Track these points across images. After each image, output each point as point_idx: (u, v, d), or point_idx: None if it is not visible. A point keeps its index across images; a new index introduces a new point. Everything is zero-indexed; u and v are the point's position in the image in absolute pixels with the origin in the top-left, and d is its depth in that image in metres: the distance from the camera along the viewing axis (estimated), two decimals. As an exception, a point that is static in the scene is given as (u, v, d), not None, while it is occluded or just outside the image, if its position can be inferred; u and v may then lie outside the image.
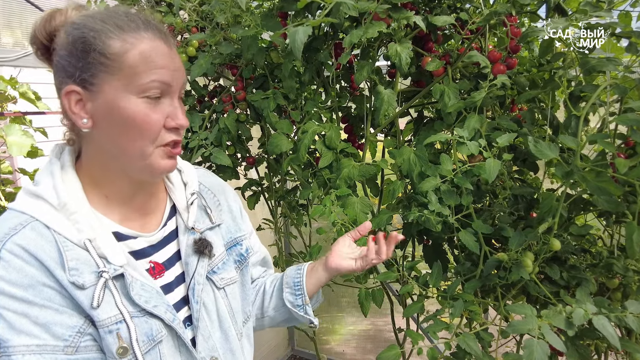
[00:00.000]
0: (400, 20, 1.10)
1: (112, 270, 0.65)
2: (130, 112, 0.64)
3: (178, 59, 0.70)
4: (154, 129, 0.66)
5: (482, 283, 1.18)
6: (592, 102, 1.00)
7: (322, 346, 2.77)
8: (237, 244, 0.88)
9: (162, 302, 0.70)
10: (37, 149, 1.72)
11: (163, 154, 0.69)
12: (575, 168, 0.95)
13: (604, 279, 1.17)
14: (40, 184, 0.68)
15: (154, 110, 0.66)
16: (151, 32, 0.66)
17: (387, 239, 0.94)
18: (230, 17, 1.30)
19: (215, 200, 0.88)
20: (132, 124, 0.65)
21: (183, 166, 0.86)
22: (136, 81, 0.64)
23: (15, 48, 1.62)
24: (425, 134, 1.24)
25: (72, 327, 0.62)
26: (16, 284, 0.60)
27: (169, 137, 0.68)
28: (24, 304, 0.60)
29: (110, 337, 0.63)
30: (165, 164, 0.70)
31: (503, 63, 1.17)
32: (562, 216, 1.04)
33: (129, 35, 0.64)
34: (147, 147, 0.67)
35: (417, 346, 1.12)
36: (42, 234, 0.63)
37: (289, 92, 1.34)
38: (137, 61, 0.64)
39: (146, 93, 0.65)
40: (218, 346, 0.78)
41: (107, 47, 0.63)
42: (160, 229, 0.77)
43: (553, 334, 0.91)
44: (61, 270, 0.62)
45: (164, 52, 0.67)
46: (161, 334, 0.69)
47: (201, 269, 0.78)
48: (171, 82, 0.67)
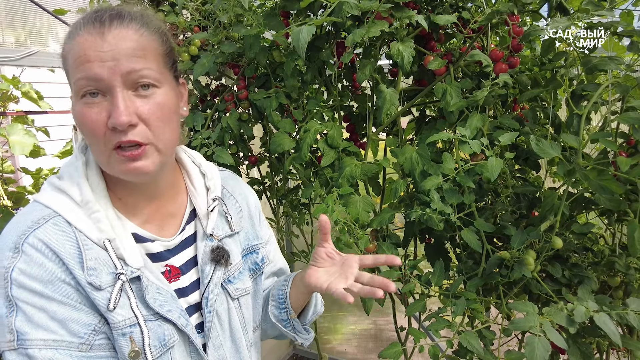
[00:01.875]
0: (402, 19, 1.11)
1: (129, 272, 0.65)
2: (75, 115, 0.64)
3: (119, 46, 0.61)
4: (96, 132, 0.62)
5: (484, 281, 1.18)
6: (594, 101, 1.01)
7: (323, 345, 2.77)
8: (253, 252, 0.86)
9: (176, 307, 0.69)
10: (39, 149, 1.72)
11: (120, 158, 0.63)
12: (577, 166, 0.96)
13: (606, 277, 1.17)
14: (63, 178, 0.68)
15: (91, 110, 0.61)
16: (89, 25, 0.62)
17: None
18: (232, 16, 1.31)
19: (237, 207, 0.86)
20: (81, 127, 0.63)
21: (207, 170, 0.84)
22: (71, 83, 0.63)
23: (18, 47, 1.62)
24: (427, 133, 1.25)
25: (88, 325, 0.62)
26: (37, 278, 0.60)
27: (115, 137, 0.62)
28: (43, 299, 0.60)
29: (124, 340, 0.63)
30: (125, 168, 0.64)
31: (505, 62, 1.17)
32: (564, 214, 1.04)
33: (72, 38, 0.63)
34: (102, 152, 0.64)
35: (419, 344, 1.12)
36: (63, 230, 0.63)
37: (291, 91, 1.34)
38: (70, 62, 0.63)
39: (81, 92, 0.62)
40: (228, 356, 0.77)
41: (62, 50, 0.65)
42: (179, 234, 0.76)
43: (554, 331, 0.92)
44: (80, 269, 0.62)
45: (92, 44, 0.60)
46: (173, 339, 0.68)
47: (216, 278, 0.76)
48: (102, 74, 0.60)
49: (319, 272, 0.80)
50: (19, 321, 0.59)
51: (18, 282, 0.59)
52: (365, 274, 0.76)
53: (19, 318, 0.59)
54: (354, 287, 0.74)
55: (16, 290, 0.59)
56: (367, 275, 0.76)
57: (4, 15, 1.60)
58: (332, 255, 0.82)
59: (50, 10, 1.60)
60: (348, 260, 0.79)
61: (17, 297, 0.59)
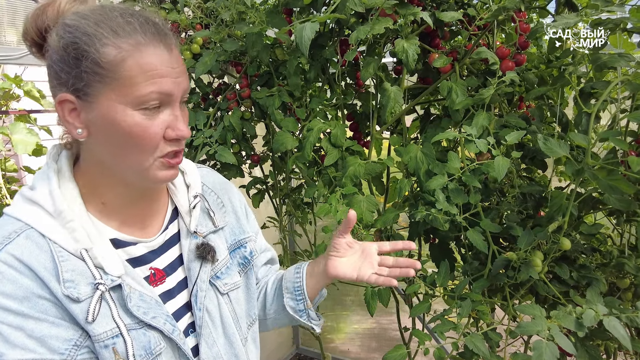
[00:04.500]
0: (407, 16, 1.09)
1: (109, 281, 0.63)
2: (126, 125, 0.60)
3: (180, 62, 0.65)
4: (152, 143, 0.63)
5: (490, 282, 1.17)
6: (603, 99, 0.99)
7: (326, 345, 2.76)
8: (240, 247, 0.86)
9: (161, 313, 0.68)
10: (41, 147, 1.72)
11: (162, 165, 0.65)
12: (586, 166, 0.94)
13: (615, 278, 1.16)
14: (36, 188, 0.65)
15: (153, 122, 0.62)
16: (150, 35, 0.61)
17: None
18: (234, 14, 1.29)
19: (218, 202, 0.85)
20: (128, 137, 0.61)
21: (186, 167, 0.83)
22: (133, 93, 0.59)
23: (20, 46, 1.62)
24: (432, 132, 1.23)
25: (69, 340, 0.60)
26: (11, 296, 0.57)
27: (169, 148, 0.65)
28: (19, 317, 0.57)
29: (106, 352, 0.61)
30: (164, 175, 0.66)
31: (512, 59, 1.15)
32: (572, 215, 1.02)
33: (124, 41, 0.59)
34: (145, 161, 0.64)
35: (423, 346, 1.10)
36: (37, 243, 0.61)
37: (294, 90, 1.33)
38: (133, 71, 0.59)
39: (144, 105, 0.61)
40: (222, 352, 0.77)
41: (101, 55, 0.58)
42: (161, 234, 0.75)
43: (563, 335, 0.90)
44: (56, 282, 0.59)
45: (163, 59, 0.61)
46: (160, 347, 0.67)
47: (204, 274, 0.75)
48: (172, 91, 0.62)
49: (342, 263, 0.85)
50: None
51: None
52: (389, 258, 0.82)
53: None
54: (383, 271, 0.82)
55: None
56: (391, 258, 0.83)
57: (5, 13, 1.59)
58: (351, 244, 0.86)
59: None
60: (367, 247, 0.85)
61: None
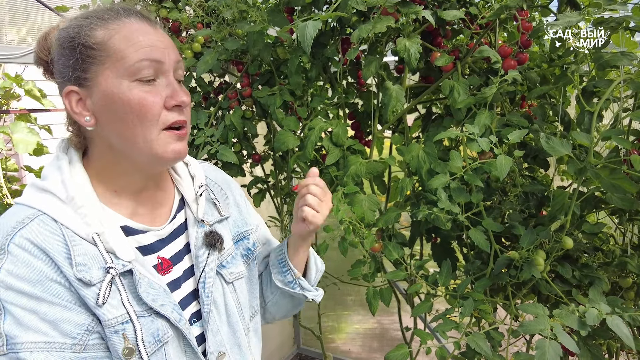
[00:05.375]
0: (408, 15, 1.09)
1: (120, 266, 0.64)
2: (125, 97, 0.63)
3: (166, 37, 0.69)
4: (153, 112, 0.65)
5: (492, 282, 1.16)
6: (605, 98, 0.98)
7: (327, 344, 2.76)
8: (244, 238, 0.88)
9: (168, 301, 0.69)
10: (42, 147, 1.72)
11: (169, 137, 0.67)
12: (589, 165, 0.94)
13: (617, 277, 1.15)
14: (47, 178, 0.67)
15: (150, 92, 0.65)
16: (134, 16, 0.66)
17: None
18: (236, 13, 1.29)
19: (222, 194, 0.88)
20: (129, 109, 0.63)
21: (190, 160, 0.86)
22: (125, 64, 0.63)
23: (21, 45, 1.62)
24: (434, 131, 1.23)
25: (81, 324, 0.61)
26: (25, 279, 0.58)
27: (172, 117, 0.67)
28: (32, 300, 0.58)
29: (116, 337, 0.62)
30: (173, 148, 0.68)
31: (514, 58, 1.15)
32: (574, 214, 1.02)
33: (110, 23, 0.64)
34: (149, 132, 0.65)
35: (425, 346, 1.10)
36: (50, 228, 0.62)
37: (296, 89, 1.32)
38: (122, 44, 0.63)
39: (138, 75, 0.64)
40: (225, 341, 0.77)
41: (91, 38, 0.63)
42: (169, 223, 0.76)
43: (565, 334, 0.90)
44: (68, 266, 0.61)
45: (147, 31, 0.66)
46: (167, 335, 0.67)
47: (212, 262, 0.77)
48: (162, 58, 0.66)
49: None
50: (7, 324, 0.57)
51: (5, 284, 0.58)
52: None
53: (7, 321, 0.57)
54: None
55: (4, 292, 0.57)
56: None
57: (6, 12, 1.59)
58: None
59: (52, 7, 1.59)
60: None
61: (5, 299, 0.57)
